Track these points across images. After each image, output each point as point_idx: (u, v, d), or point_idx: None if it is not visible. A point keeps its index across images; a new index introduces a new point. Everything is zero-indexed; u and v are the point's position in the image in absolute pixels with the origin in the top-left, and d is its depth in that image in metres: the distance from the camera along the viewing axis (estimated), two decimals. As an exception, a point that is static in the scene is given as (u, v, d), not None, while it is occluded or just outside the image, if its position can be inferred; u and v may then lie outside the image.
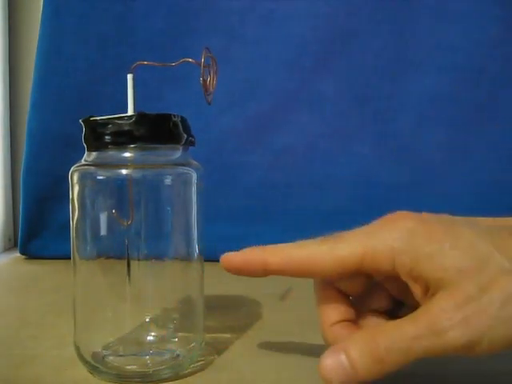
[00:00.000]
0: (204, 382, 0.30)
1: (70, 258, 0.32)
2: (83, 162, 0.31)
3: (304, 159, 0.70)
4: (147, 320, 0.33)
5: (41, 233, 0.68)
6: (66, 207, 0.32)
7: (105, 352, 0.32)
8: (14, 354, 0.34)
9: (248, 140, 0.69)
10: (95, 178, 0.31)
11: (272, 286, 0.46)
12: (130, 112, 0.30)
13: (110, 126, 0.29)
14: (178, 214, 0.33)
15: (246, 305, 0.46)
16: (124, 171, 0.30)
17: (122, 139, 0.29)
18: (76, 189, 0.31)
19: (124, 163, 0.30)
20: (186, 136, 0.31)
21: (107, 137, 0.29)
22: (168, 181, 0.32)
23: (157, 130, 0.30)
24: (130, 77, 0.31)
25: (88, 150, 0.31)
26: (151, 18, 0.67)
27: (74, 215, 0.31)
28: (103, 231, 0.31)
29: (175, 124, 0.30)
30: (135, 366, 0.31)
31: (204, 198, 0.33)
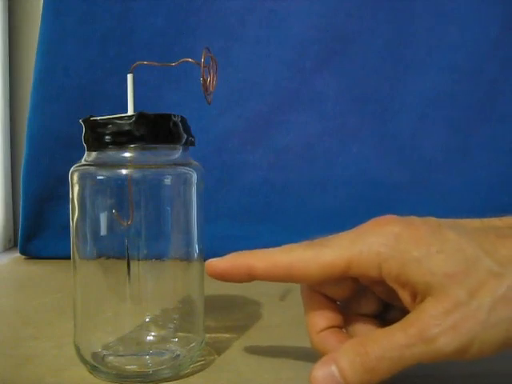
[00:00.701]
0: (204, 382, 0.30)
1: (70, 258, 0.32)
2: (83, 161, 0.31)
3: (304, 159, 0.70)
4: (147, 320, 0.33)
5: (41, 233, 0.68)
6: (65, 207, 0.32)
7: (105, 352, 0.32)
8: (14, 354, 0.34)
9: (248, 140, 0.69)
10: (95, 177, 0.31)
11: (272, 286, 0.46)
12: (130, 112, 0.30)
13: (110, 125, 0.29)
14: (177, 214, 0.33)
15: (246, 305, 0.46)
16: (124, 171, 0.30)
17: (122, 139, 0.29)
18: (76, 189, 0.31)
19: (124, 163, 0.30)
20: (185, 136, 0.31)
21: (107, 137, 0.29)
22: (168, 181, 0.32)
23: (157, 129, 0.30)
24: (129, 77, 0.31)
25: (88, 150, 0.31)
26: (151, 18, 0.67)
27: (74, 215, 0.31)
28: (103, 231, 0.31)
29: (175, 124, 0.30)
30: (135, 366, 0.31)
31: (204, 198, 0.33)
